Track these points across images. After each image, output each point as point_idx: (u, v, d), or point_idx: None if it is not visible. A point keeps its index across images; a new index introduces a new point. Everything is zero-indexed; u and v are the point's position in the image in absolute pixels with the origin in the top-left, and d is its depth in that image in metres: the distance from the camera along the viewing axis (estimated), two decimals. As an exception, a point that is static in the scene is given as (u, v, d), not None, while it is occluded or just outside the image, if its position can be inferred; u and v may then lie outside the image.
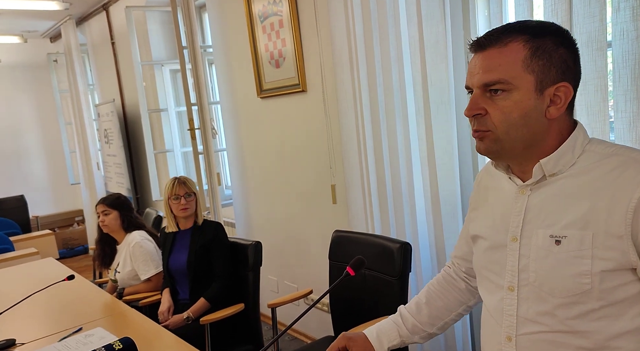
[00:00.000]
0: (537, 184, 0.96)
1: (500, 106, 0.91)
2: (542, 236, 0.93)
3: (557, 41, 0.89)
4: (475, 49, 0.93)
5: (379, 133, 2.21)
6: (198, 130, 3.49)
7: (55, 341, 1.85)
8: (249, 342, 2.32)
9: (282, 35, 2.80)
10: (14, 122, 6.56)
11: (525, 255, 0.95)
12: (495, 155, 0.96)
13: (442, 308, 1.21)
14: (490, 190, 1.08)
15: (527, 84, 0.89)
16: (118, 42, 4.93)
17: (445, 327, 1.22)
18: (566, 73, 0.90)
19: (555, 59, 0.89)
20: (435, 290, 1.24)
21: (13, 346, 1.84)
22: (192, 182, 2.48)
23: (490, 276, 1.03)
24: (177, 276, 2.45)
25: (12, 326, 2.01)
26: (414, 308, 1.22)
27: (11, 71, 6.46)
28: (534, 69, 0.89)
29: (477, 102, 0.93)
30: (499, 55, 0.90)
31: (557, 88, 0.89)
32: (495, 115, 0.91)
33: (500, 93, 0.90)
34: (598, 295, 0.88)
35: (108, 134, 5.04)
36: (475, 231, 1.10)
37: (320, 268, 2.86)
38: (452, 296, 1.21)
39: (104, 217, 2.69)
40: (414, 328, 1.19)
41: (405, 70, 2.05)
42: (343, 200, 2.59)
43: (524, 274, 0.95)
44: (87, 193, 5.79)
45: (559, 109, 0.90)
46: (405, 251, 1.91)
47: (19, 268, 3.06)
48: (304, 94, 2.80)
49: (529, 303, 0.95)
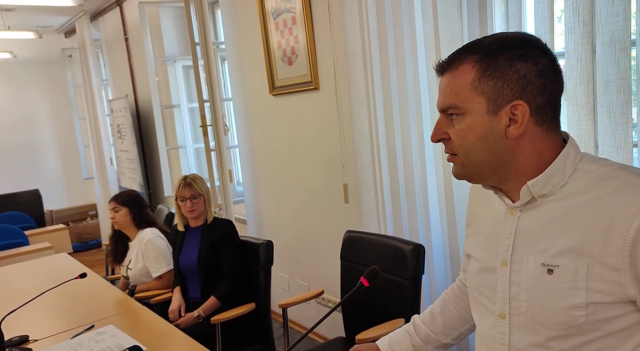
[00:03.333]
0: (527, 205, 0.90)
1: (457, 130, 0.89)
2: (533, 263, 0.88)
3: (512, 56, 0.84)
4: (437, 73, 0.93)
5: (392, 133, 2.18)
6: (210, 126, 3.49)
7: (68, 338, 1.86)
8: (259, 341, 2.32)
9: (295, 32, 2.78)
10: (29, 116, 6.63)
11: (516, 282, 0.91)
12: (466, 178, 0.94)
13: (457, 318, 1.18)
14: (482, 205, 1.03)
15: (477, 107, 0.86)
16: (131, 37, 4.94)
17: (460, 338, 1.19)
18: (526, 89, 0.84)
19: (508, 76, 0.84)
20: (450, 300, 1.21)
21: (26, 342, 1.86)
22: (200, 181, 2.45)
23: (481, 299, 1.00)
24: (187, 274, 2.45)
25: (25, 322, 2.03)
26: (428, 317, 1.19)
27: (26, 66, 6.52)
28: (483, 90, 0.85)
29: (440, 126, 0.92)
30: (451, 79, 0.89)
31: (512, 107, 0.85)
32: (454, 139, 0.90)
33: (456, 117, 0.89)
34: (594, 326, 0.83)
35: (121, 129, 5.07)
36: (468, 250, 1.06)
37: (332, 268, 2.85)
38: (467, 306, 1.17)
39: (115, 214, 2.70)
40: (427, 338, 1.17)
41: (420, 69, 2.01)
42: (355, 200, 2.56)
43: (515, 302, 0.91)
44: (100, 188, 5.84)
45: (518, 129, 0.85)
46: (419, 253, 1.88)
47: (33, 263, 3.09)
48: (316, 92, 2.77)
49: (520, 334, 0.91)
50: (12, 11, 5.01)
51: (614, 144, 1.49)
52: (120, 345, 1.74)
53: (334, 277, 2.44)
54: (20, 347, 1.79)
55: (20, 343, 1.84)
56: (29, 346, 1.80)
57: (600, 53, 1.47)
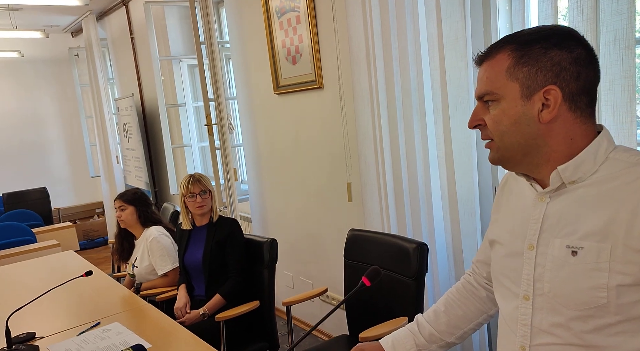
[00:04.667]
0: (557, 192, 0.93)
1: (492, 115, 0.94)
2: (559, 246, 0.91)
3: (547, 45, 0.88)
4: (475, 63, 0.98)
5: (395, 132, 2.18)
6: (215, 125, 3.50)
7: (74, 335, 1.88)
8: (264, 339, 2.33)
9: (299, 31, 2.78)
10: (36, 115, 6.69)
11: (541, 264, 0.93)
12: (501, 163, 0.98)
13: (461, 317, 1.19)
14: (514, 194, 1.06)
15: (512, 92, 0.90)
16: (137, 37, 4.96)
17: (464, 336, 1.19)
18: (559, 75, 0.88)
19: (542, 63, 0.88)
20: (454, 299, 1.21)
21: (33, 339, 1.88)
22: (207, 178, 2.49)
23: (506, 283, 1.02)
24: (192, 272, 2.47)
25: (32, 319, 2.05)
26: (432, 316, 1.20)
27: (34, 65, 6.57)
28: (517, 77, 0.90)
29: (477, 113, 0.97)
30: (488, 68, 0.93)
31: (545, 92, 0.88)
32: (490, 124, 0.94)
33: (491, 103, 0.94)
34: (615, 309, 0.85)
35: (127, 128, 5.10)
36: (494, 236, 1.08)
37: (335, 266, 2.86)
38: (473, 305, 1.19)
39: (121, 212, 2.72)
40: (431, 337, 1.17)
41: (424, 68, 2.02)
42: (358, 199, 2.57)
43: (539, 283, 0.93)
44: (106, 186, 5.88)
45: (551, 112, 0.88)
46: (422, 251, 1.89)
47: (40, 261, 3.12)
48: (320, 91, 2.78)
49: (543, 314, 0.93)
50: (20, 11, 5.04)
51: (618, 143, 1.48)
52: (125, 342, 1.76)
53: (338, 275, 2.45)
54: (27, 344, 1.81)
55: (27, 340, 1.86)
56: (36, 343, 1.83)
57: (604, 51, 1.47)
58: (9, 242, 4.06)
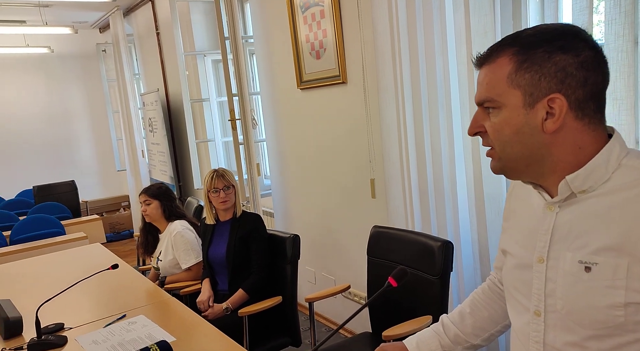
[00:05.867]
0: (566, 201, 0.87)
1: (493, 123, 0.88)
2: (570, 260, 0.85)
3: (551, 48, 0.81)
4: (475, 66, 0.91)
5: (420, 127, 2.15)
6: (239, 120, 3.52)
7: (101, 327, 1.92)
8: (286, 334, 2.34)
9: (324, 25, 2.76)
10: (65, 109, 6.85)
11: (552, 279, 0.88)
12: (504, 173, 0.92)
13: (487, 319, 1.15)
14: (521, 201, 1.01)
15: (513, 100, 0.84)
16: (162, 32, 5.01)
17: (491, 339, 1.16)
18: (564, 82, 0.81)
19: (546, 69, 0.81)
20: (480, 300, 1.18)
21: (62, 330, 1.92)
22: (230, 173, 2.49)
23: (517, 295, 0.97)
24: (216, 267, 2.48)
25: (60, 310, 2.10)
26: (457, 317, 1.17)
27: (63, 61, 6.72)
28: (519, 84, 0.83)
29: (477, 119, 0.91)
30: (488, 72, 0.87)
31: (549, 100, 0.82)
32: (490, 132, 0.89)
33: (492, 110, 0.88)
34: (633, 327, 0.80)
35: (152, 123, 5.16)
36: (504, 245, 1.04)
37: (358, 263, 2.84)
38: (499, 307, 1.15)
39: (146, 207, 2.76)
40: (456, 338, 1.15)
41: (450, 63, 1.97)
42: (382, 195, 2.54)
43: (550, 299, 0.89)
44: (132, 179, 5.98)
45: (555, 122, 0.82)
46: (447, 250, 1.86)
47: (69, 253, 3.20)
48: (344, 86, 2.76)
49: (556, 332, 0.88)
50: (50, 7, 5.15)
51: None
52: (150, 335, 1.79)
53: (360, 272, 2.43)
54: (56, 334, 1.85)
55: (56, 331, 1.90)
56: (64, 334, 1.87)
57: (642, 45, 1.41)
58: (39, 234, 4.17)
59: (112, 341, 1.77)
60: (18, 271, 2.85)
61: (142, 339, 1.76)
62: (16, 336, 1.89)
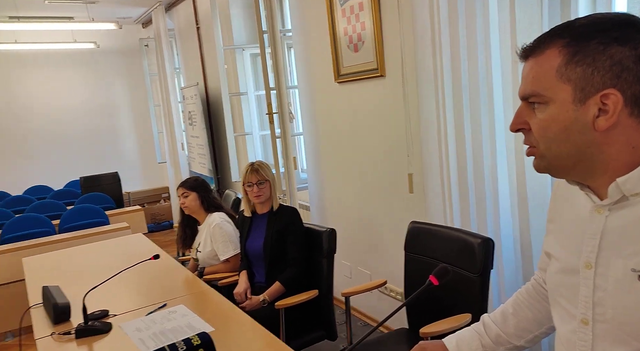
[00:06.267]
0: (617, 204, 0.82)
1: (539, 120, 0.82)
2: (622, 268, 0.80)
3: (606, 40, 0.75)
4: (520, 58, 0.85)
5: (461, 121, 2.10)
6: (276, 114, 3.54)
7: (143, 315, 1.98)
8: (322, 328, 2.35)
9: (362, 18, 2.73)
10: (109, 103, 7.09)
11: (601, 287, 0.83)
12: (548, 172, 0.86)
13: (531, 320, 1.11)
14: (567, 202, 0.95)
15: (563, 95, 0.78)
16: (202, 27, 5.09)
17: (535, 341, 1.12)
18: (620, 76, 0.75)
19: (600, 62, 0.75)
20: (524, 300, 1.14)
21: (106, 316, 1.99)
22: (267, 167, 2.51)
23: (562, 302, 0.92)
24: (253, 259, 2.52)
25: (105, 298, 2.17)
26: (499, 317, 1.13)
27: (107, 56, 6.95)
28: (570, 77, 0.77)
29: (520, 115, 0.85)
30: (535, 65, 0.81)
31: (603, 96, 0.76)
32: (535, 129, 0.83)
33: (538, 106, 0.82)
34: None
35: (192, 116, 5.27)
36: (548, 248, 0.99)
37: (394, 258, 2.82)
38: (544, 308, 1.10)
39: (184, 199, 2.82)
40: (498, 339, 1.11)
41: (493, 55, 1.91)
42: (420, 190, 2.51)
43: (599, 308, 0.83)
44: (172, 171, 6.13)
45: (609, 120, 0.76)
46: (488, 247, 1.81)
47: (112, 242, 3.31)
48: (382, 79, 2.72)
49: (605, 344, 0.83)
50: (96, 3, 5.32)
51: None
52: (190, 325, 1.83)
53: (397, 267, 2.41)
54: (101, 321, 1.93)
55: (101, 317, 1.98)
56: (109, 321, 1.94)
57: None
58: (85, 223, 4.35)
59: (154, 330, 1.82)
60: (66, 259, 2.98)
61: (182, 328, 1.81)
62: (64, 321, 1.98)
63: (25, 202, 5.51)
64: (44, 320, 2.03)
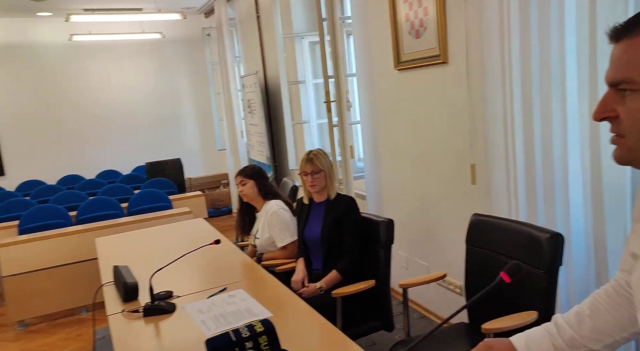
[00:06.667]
0: None
1: (630, 108, 0.75)
2: None
3: None
4: (610, 39, 0.77)
5: (530, 110, 1.99)
6: (333, 102, 3.52)
7: (204, 297, 2.04)
8: (378, 318, 2.33)
9: (425, 3, 2.65)
10: (173, 91, 7.36)
11: None
12: (631, 164, 0.80)
13: (611, 324, 1.03)
14: None
15: None
16: (263, 15, 5.14)
17: (615, 346, 1.03)
18: None
19: None
20: (603, 302, 1.05)
21: (171, 297, 2.08)
22: (323, 156, 2.50)
23: None
24: (311, 247, 2.54)
25: (169, 279, 2.26)
26: (574, 319, 1.06)
27: (172, 45, 7.21)
28: None
29: (607, 102, 0.78)
30: (630, 47, 0.74)
31: None
32: (625, 118, 0.76)
33: (629, 93, 0.75)
34: None
35: (251, 104, 5.36)
36: (635, 248, 0.92)
37: (453, 250, 2.74)
38: (626, 311, 1.02)
39: (242, 187, 2.88)
40: (572, 341, 1.04)
41: (567, 40, 1.79)
42: (483, 182, 2.42)
43: None
44: (231, 158, 6.28)
45: None
46: (556, 242, 1.72)
47: (176, 226, 3.45)
48: (444, 66, 2.63)
49: None
50: (161, -5, 5.50)
51: None
52: (249, 309, 1.87)
53: (456, 260, 2.35)
54: (166, 301, 2.01)
55: (166, 297, 2.06)
56: (173, 302, 2.02)
57: None
58: (150, 207, 4.56)
59: (215, 312, 1.88)
60: (133, 240, 3.14)
61: (242, 313, 1.85)
62: (133, 300, 2.08)
63: (98, 185, 5.86)
64: (115, 298, 2.14)
